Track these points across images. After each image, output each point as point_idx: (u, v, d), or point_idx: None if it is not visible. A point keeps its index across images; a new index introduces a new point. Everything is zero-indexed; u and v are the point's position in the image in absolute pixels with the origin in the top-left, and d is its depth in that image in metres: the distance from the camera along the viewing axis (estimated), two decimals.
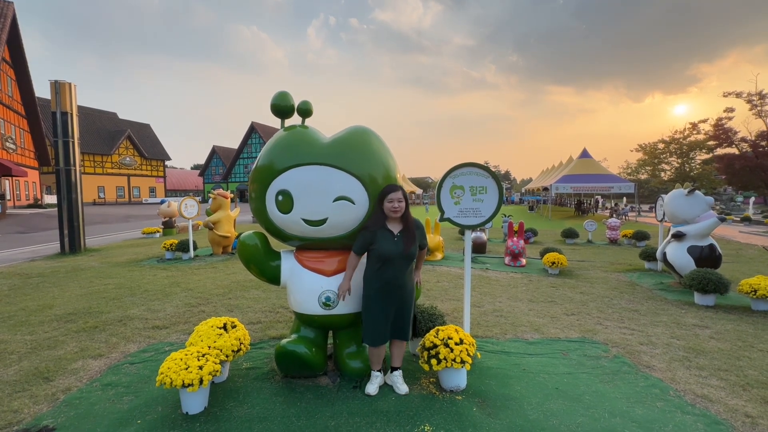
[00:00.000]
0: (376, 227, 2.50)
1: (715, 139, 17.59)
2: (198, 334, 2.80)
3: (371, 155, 2.63)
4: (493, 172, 3.07)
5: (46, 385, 2.78)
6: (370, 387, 2.61)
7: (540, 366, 3.08)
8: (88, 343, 3.56)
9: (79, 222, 9.27)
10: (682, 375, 2.93)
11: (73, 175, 9.14)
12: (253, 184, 2.70)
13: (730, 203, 28.69)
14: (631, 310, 4.59)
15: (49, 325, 4.07)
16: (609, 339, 3.67)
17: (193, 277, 6.38)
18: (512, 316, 4.36)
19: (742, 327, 3.98)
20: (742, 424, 2.30)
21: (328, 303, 2.66)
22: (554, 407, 2.47)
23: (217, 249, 8.66)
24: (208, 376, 2.35)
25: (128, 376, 2.92)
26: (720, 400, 2.56)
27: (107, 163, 43.39)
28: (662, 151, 35.16)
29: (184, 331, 3.89)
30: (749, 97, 16.19)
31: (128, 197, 45.70)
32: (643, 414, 2.40)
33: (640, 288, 5.70)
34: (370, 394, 2.57)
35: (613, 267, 7.35)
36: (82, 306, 4.73)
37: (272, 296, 5.11)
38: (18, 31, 25.02)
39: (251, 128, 53.61)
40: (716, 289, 4.63)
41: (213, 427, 2.26)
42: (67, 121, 8.98)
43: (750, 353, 3.32)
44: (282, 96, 2.74)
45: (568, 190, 22.90)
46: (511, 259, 7.49)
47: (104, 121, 45.23)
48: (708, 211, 5.51)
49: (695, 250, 5.37)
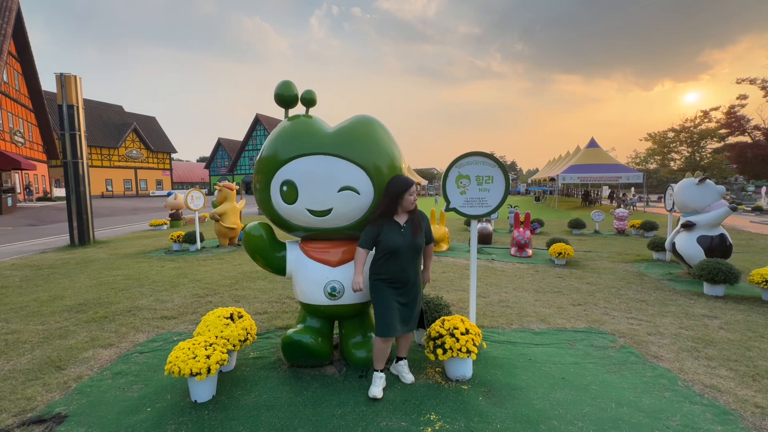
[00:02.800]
0: (383, 220, 2.46)
1: (727, 128, 17.20)
2: (205, 324, 2.82)
3: (376, 145, 2.60)
4: (499, 161, 3.03)
5: (58, 374, 2.83)
6: (375, 389, 2.46)
7: (546, 356, 3.07)
8: (98, 333, 3.61)
9: (88, 214, 9.37)
10: (691, 365, 2.91)
11: (80, 168, 9.21)
12: (257, 175, 2.69)
13: (740, 193, 28.18)
14: (639, 301, 4.55)
15: (60, 315, 4.14)
16: (616, 329, 3.65)
17: (200, 268, 6.44)
18: (518, 306, 4.35)
19: (752, 317, 3.93)
20: (751, 415, 2.28)
21: (333, 293, 2.66)
22: (560, 397, 2.46)
23: (224, 240, 8.72)
24: (215, 365, 2.37)
25: (138, 365, 2.96)
26: (729, 391, 2.54)
27: (114, 156, 43.71)
28: (672, 140, 34.56)
29: (192, 321, 3.93)
30: (763, 83, 15.76)
31: (135, 190, 46.09)
32: (651, 404, 2.39)
33: (648, 278, 5.64)
34: (377, 397, 2.43)
35: (621, 257, 7.28)
36: (92, 297, 4.80)
37: (278, 287, 5.14)
38: (23, 25, 25.06)
39: (256, 120, 53.54)
40: (726, 280, 4.57)
41: (221, 414, 2.29)
42: (74, 114, 9.02)
43: (760, 344, 3.28)
44: (286, 85, 2.71)
45: (575, 180, 22.63)
46: (517, 250, 7.45)
47: (110, 114, 45.43)
48: (719, 200, 5.40)
49: (705, 240, 5.29)
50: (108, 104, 46.34)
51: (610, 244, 9.16)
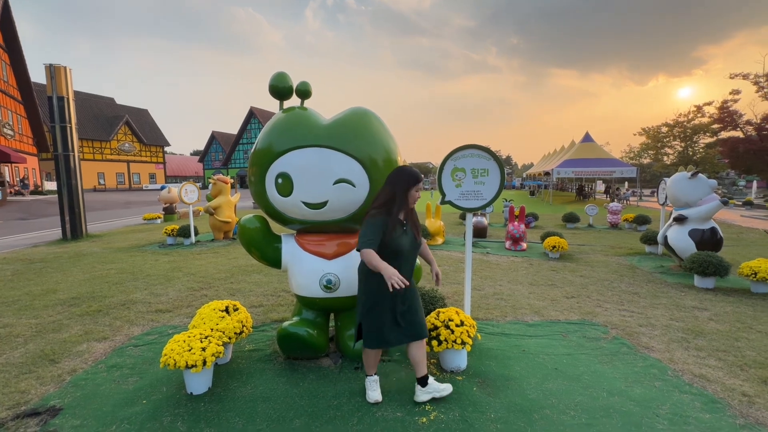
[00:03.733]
0: (387, 216, 2.20)
1: (720, 122, 17.33)
2: (200, 317, 2.82)
3: (372, 137, 2.59)
4: (494, 153, 3.04)
5: (52, 367, 2.82)
6: (374, 394, 2.33)
7: (539, 347, 3.11)
8: (92, 327, 3.60)
9: (80, 208, 9.26)
10: (681, 356, 2.96)
11: (72, 161, 9.08)
12: (252, 168, 2.67)
13: (732, 187, 28.55)
14: (631, 293, 4.61)
15: (53, 309, 4.11)
16: (608, 321, 3.70)
17: (195, 261, 6.41)
18: (512, 299, 4.39)
19: (741, 309, 4.00)
20: (738, 403, 2.33)
21: (329, 286, 2.67)
22: (553, 387, 2.50)
23: (218, 234, 8.67)
24: (211, 357, 2.37)
25: (132, 358, 2.96)
26: (717, 380, 2.59)
27: (106, 149, 43.14)
28: (665, 135, 34.78)
29: (187, 314, 3.92)
30: (756, 78, 15.86)
31: (128, 184, 45.61)
32: (641, 393, 2.43)
33: (640, 271, 5.71)
34: (378, 401, 2.31)
35: (614, 251, 7.36)
36: (86, 290, 4.76)
37: (274, 280, 5.14)
38: (10, 15, 24.53)
39: (250, 113, 53.02)
40: (716, 272, 4.64)
41: (217, 406, 2.30)
42: (64, 105, 8.87)
43: (748, 334, 3.34)
44: (280, 77, 2.68)
45: (569, 174, 22.77)
46: (511, 243, 7.49)
47: (102, 106, 44.75)
48: (711, 194, 5.47)
49: (696, 234, 5.36)
50: (99, 96, 45.65)
51: (604, 237, 9.24)
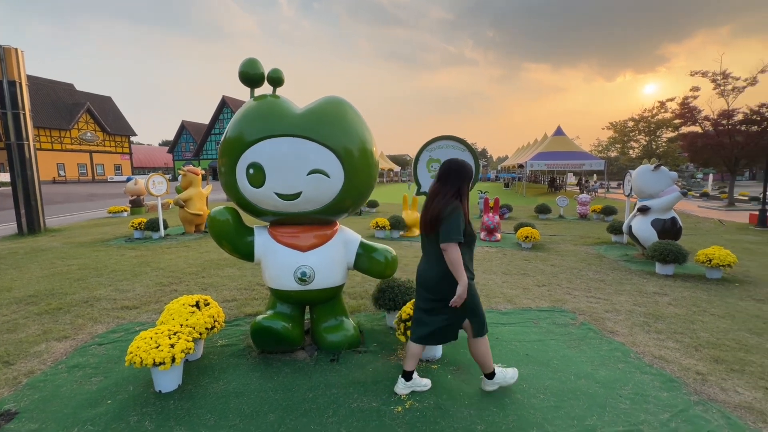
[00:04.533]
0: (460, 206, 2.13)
1: (681, 118, 18.20)
2: (169, 313, 2.72)
3: (347, 127, 2.55)
4: (469, 144, 3.06)
5: (6, 369, 2.65)
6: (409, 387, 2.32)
7: (512, 334, 3.20)
8: (51, 326, 3.40)
9: (37, 200, 8.70)
10: (642, 339, 3.12)
11: (26, 151, 8.49)
12: (222, 158, 2.57)
13: (690, 180, 30.19)
14: (598, 281, 4.81)
15: (7, 308, 3.86)
16: (577, 307, 3.85)
17: (164, 256, 6.17)
18: (487, 288, 4.48)
19: (696, 294, 4.26)
20: (693, 381, 2.49)
21: (303, 278, 2.63)
22: (524, 372, 2.58)
23: (189, 227, 8.39)
24: (180, 354, 2.30)
25: (96, 357, 2.82)
26: (675, 361, 2.75)
27: (66, 138, 40.60)
28: (631, 129, 36.24)
29: (155, 310, 3.78)
30: (714, 76, 16.71)
31: (91, 175, 43.23)
32: (606, 375, 2.55)
33: (606, 260, 5.96)
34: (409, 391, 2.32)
35: (583, 240, 7.65)
36: (44, 288, 4.50)
37: (248, 274, 5.03)
38: None
39: (222, 102, 51.18)
40: (675, 260, 4.91)
41: (188, 403, 2.24)
42: (16, 91, 8.25)
43: (703, 317, 3.57)
44: (251, 63, 2.58)
45: (542, 167, 23.40)
46: (486, 234, 7.64)
47: (60, 92, 41.95)
48: (672, 185, 5.76)
49: (658, 223, 5.64)
50: (57, 82, 42.71)
51: (573, 228, 9.59)
